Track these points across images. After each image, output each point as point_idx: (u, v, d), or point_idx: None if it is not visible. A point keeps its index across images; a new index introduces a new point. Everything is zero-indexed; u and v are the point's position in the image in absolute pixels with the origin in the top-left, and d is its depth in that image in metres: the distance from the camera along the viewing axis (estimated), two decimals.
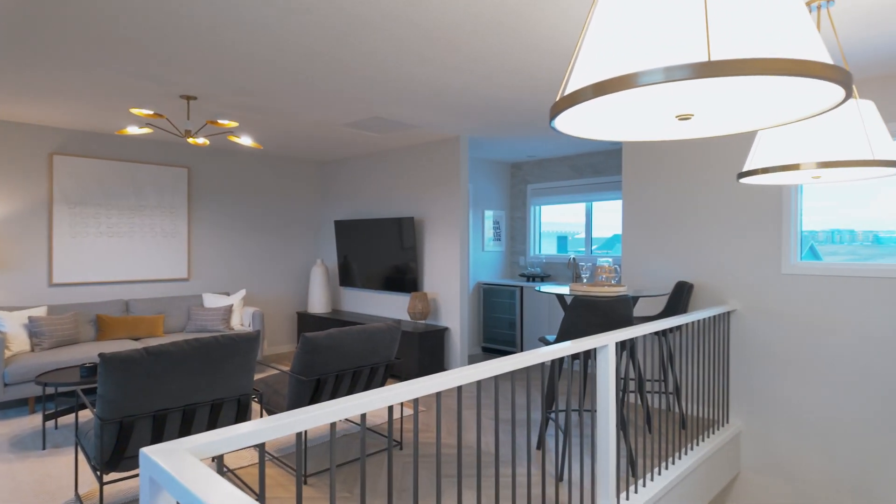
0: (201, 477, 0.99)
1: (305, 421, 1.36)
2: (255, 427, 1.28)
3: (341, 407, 1.43)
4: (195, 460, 1.08)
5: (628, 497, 2.66)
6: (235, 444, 1.24)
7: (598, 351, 2.45)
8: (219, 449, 1.20)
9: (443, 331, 5.14)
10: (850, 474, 3.39)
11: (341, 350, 3.01)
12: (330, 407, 1.41)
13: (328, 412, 1.41)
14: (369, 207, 6.15)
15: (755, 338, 3.75)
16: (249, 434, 1.26)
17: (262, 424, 1.29)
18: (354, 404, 1.46)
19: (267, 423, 1.30)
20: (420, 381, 1.65)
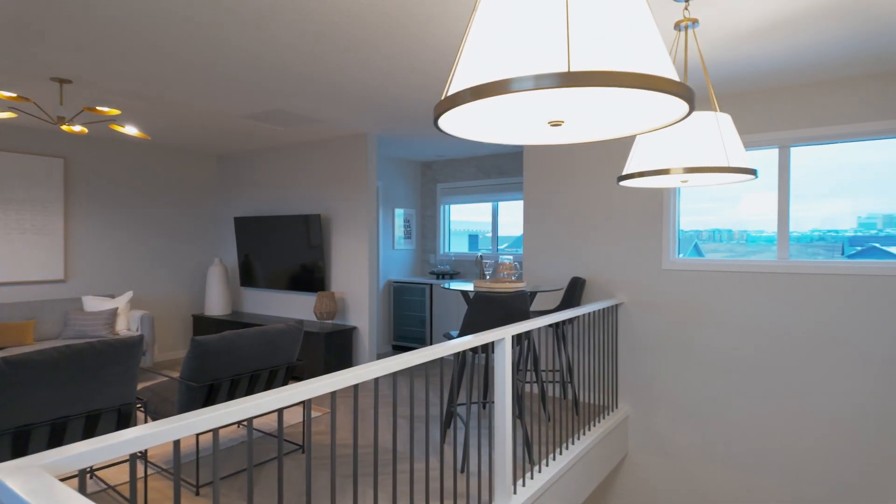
0: (53, 495, 0.90)
1: (187, 427, 1.29)
2: (131, 435, 1.19)
3: (227, 411, 1.38)
4: (50, 478, 0.98)
5: (524, 483, 2.79)
6: (103, 456, 1.15)
7: (495, 344, 2.54)
8: (82, 462, 1.11)
9: (351, 330, 5.08)
10: (720, 447, 3.79)
11: (237, 353, 2.88)
12: (214, 412, 1.35)
13: (211, 417, 1.34)
14: (273, 204, 5.92)
15: (640, 328, 4.09)
16: (121, 444, 1.18)
17: (137, 432, 1.20)
18: (241, 408, 1.41)
19: (142, 430, 1.22)
20: (315, 381, 1.63)
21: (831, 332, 3.40)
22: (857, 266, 3.31)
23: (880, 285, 3.25)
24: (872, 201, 3.42)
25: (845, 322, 3.36)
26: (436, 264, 6.75)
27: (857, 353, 3.33)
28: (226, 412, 1.38)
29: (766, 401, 3.62)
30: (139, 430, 1.21)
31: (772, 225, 3.70)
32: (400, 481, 2.87)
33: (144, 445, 1.22)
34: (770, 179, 3.67)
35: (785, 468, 3.56)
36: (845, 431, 3.37)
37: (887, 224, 3.42)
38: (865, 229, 3.49)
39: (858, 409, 3.34)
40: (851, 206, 3.48)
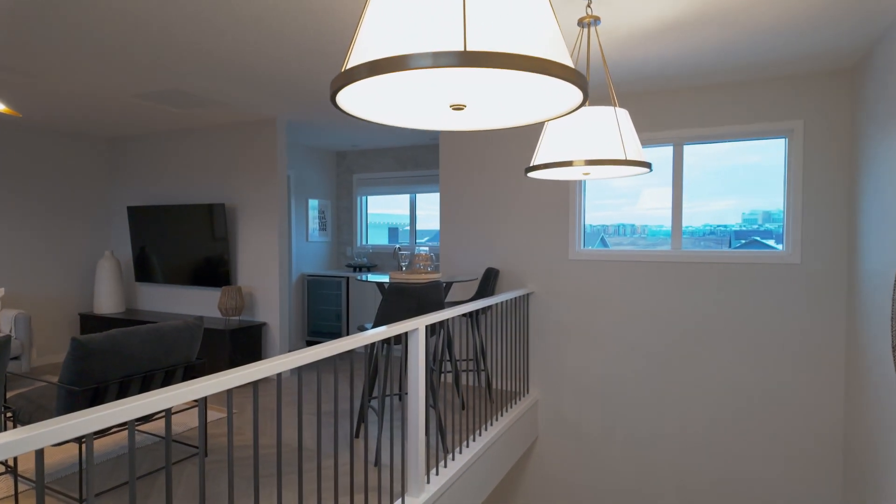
0: None
1: (56, 432, 1.15)
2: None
3: (108, 413, 1.24)
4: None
5: (437, 472, 2.80)
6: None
7: (409, 334, 2.52)
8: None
9: (259, 326, 4.85)
10: (621, 425, 4.04)
11: (126, 353, 2.64)
12: (92, 414, 1.22)
13: (88, 420, 1.21)
14: (172, 192, 5.49)
15: (549, 316, 4.25)
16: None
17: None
18: (124, 409, 1.28)
19: (2, 438, 1.06)
20: (211, 377, 1.51)
21: (718, 316, 3.72)
22: (739, 255, 3.65)
23: (760, 272, 3.61)
24: (754, 199, 3.78)
25: (731, 307, 3.69)
26: (353, 257, 6.62)
27: (741, 336, 3.67)
28: (107, 414, 1.25)
29: (662, 382, 3.90)
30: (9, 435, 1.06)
31: (669, 220, 3.98)
32: (307, 480, 2.78)
33: (4, 455, 1.06)
34: (667, 176, 3.94)
35: (680, 444, 3.86)
36: (731, 405, 3.72)
37: (766, 219, 3.80)
38: (748, 224, 3.85)
39: (741, 386, 3.69)
40: (736, 203, 3.82)
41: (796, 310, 3.51)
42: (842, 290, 3.40)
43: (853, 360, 3.23)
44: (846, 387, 3.39)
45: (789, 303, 3.52)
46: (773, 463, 3.61)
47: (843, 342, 3.41)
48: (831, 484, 3.46)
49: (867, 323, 2.94)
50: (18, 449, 1.09)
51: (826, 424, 3.46)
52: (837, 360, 3.43)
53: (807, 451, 3.52)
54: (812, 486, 3.50)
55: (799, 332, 3.51)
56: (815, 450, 3.49)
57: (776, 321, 3.56)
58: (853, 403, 3.24)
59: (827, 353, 3.45)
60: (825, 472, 3.47)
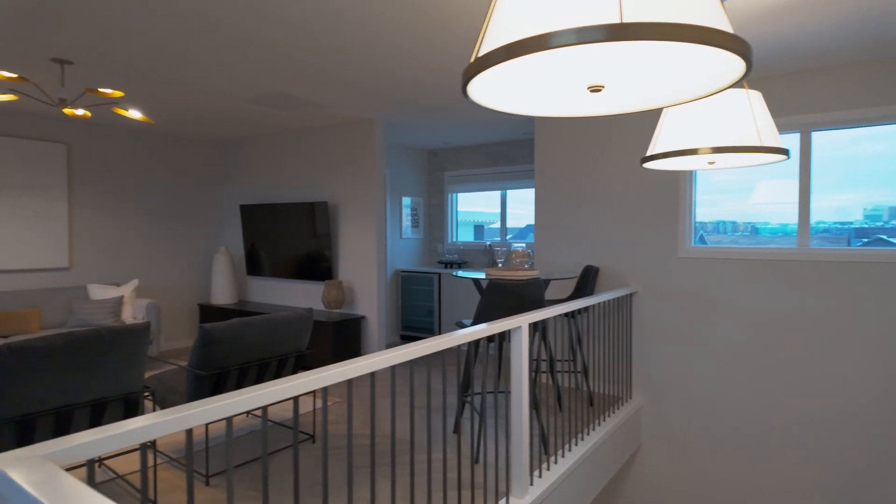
0: (58, 486, 0.83)
1: (198, 416, 1.22)
2: (140, 424, 1.12)
3: (239, 399, 1.31)
4: (55, 468, 0.91)
5: (541, 475, 2.72)
6: (111, 445, 1.08)
7: (511, 332, 2.46)
8: (89, 452, 1.04)
9: (359, 319, 5.01)
10: (734, 437, 3.72)
11: (244, 342, 2.81)
12: (226, 400, 1.28)
13: (223, 406, 1.27)
14: (278, 191, 5.83)
15: (654, 317, 4.00)
16: (131, 432, 1.10)
17: (147, 420, 1.13)
18: (254, 396, 1.34)
19: (151, 419, 1.15)
20: (328, 368, 1.55)
21: (849, 322, 3.31)
22: (883, 254, 3.21)
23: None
24: (879, 193, 3.32)
25: (865, 311, 3.26)
26: (443, 253, 6.67)
27: (876, 344, 3.24)
28: (240, 400, 1.31)
29: (780, 391, 3.54)
30: (149, 418, 1.14)
31: (778, 216, 3.60)
32: (414, 472, 2.81)
33: (155, 434, 1.15)
34: (784, 167, 3.56)
35: (797, 459, 3.49)
36: (858, 421, 3.29)
37: (893, 216, 3.33)
38: (871, 221, 3.40)
39: (873, 400, 3.25)
40: (857, 197, 3.38)
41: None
42: None
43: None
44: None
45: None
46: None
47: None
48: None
49: None
50: (172, 427, 1.16)
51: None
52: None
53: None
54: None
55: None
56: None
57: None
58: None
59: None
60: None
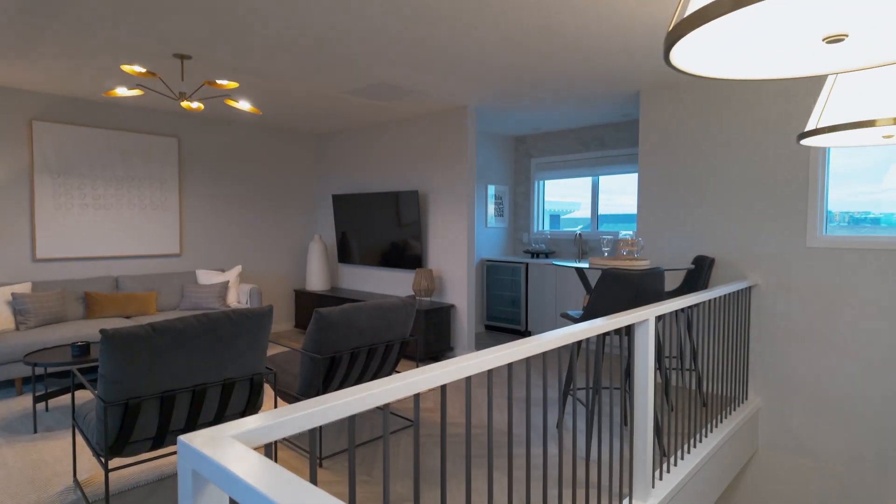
0: (264, 470, 0.81)
1: (340, 408, 1.19)
2: (304, 411, 1.10)
3: (381, 391, 1.26)
4: (247, 450, 0.90)
5: (661, 477, 2.55)
6: (285, 430, 1.06)
7: (636, 326, 2.31)
8: (268, 436, 1.02)
9: (448, 308, 4.99)
10: (868, 449, 3.34)
11: (356, 327, 2.83)
12: (368, 391, 1.24)
13: (375, 394, 1.23)
14: (369, 181, 5.91)
15: (776, 313, 3.66)
16: (297, 419, 1.08)
17: (310, 408, 1.11)
18: (386, 389, 1.28)
19: (311, 406, 1.12)
20: (450, 363, 1.48)
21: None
22: None
23: None
24: None
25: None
26: (529, 243, 6.52)
27: None
28: (372, 393, 1.26)
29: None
30: (308, 405, 1.12)
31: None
32: (516, 466, 2.72)
33: (317, 422, 1.12)
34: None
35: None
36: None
37: None
38: None
39: None
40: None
41: None
42: None
43: None
44: None
45: None
46: None
47: None
48: None
49: None
50: (335, 414, 1.13)
51: None
52: None
53: None
54: None
55: None
56: None
57: None
58: None
59: None
60: None
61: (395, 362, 3.22)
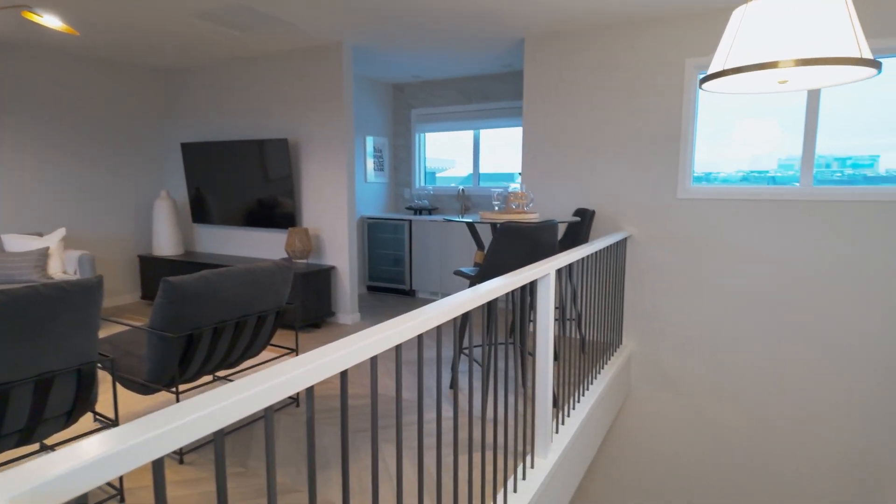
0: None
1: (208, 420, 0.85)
2: (148, 434, 0.73)
3: (278, 382, 0.93)
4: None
5: (557, 430, 2.54)
6: (116, 469, 0.69)
7: (538, 281, 2.19)
8: (86, 484, 0.65)
9: (328, 270, 4.59)
10: (729, 382, 3.72)
11: (220, 297, 2.37)
12: (245, 392, 0.91)
13: (253, 396, 0.90)
14: (228, 127, 5.16)
15: (649, 262, 3.86)
16: (136, 448, 0.71)
17: (157, 428, 0.75)
18: (302, 373, 0.97)
19: (160, 425, 0.77)
20: (355, 340, 1.20)
21: (852, 264, 3.28)
22: (884, 192, 3.16)
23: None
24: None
25: (868, 252, 3.24)
26: (412, 199, 6.26)
27: (878, 286, 3.24)
28: (280, 382, 0.93)
29: (780, 336, 3.52)
30: (169, 418, 0.76)
31: (758, 161, 3.49)
32: (411, 436, 2.54)
33: (175, 444, 0.77)
34: (772, 104, 3.41)
35: (797, 404, 3.53)
36: (862, 363, 3.34)
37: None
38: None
39: (875, 342, 3.29)
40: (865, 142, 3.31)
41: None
42: None
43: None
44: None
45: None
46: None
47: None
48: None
49: None
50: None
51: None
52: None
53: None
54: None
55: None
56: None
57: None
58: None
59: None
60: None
61: (271, 334, 2.82)
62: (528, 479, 2.14)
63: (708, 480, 3.84)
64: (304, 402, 2.96)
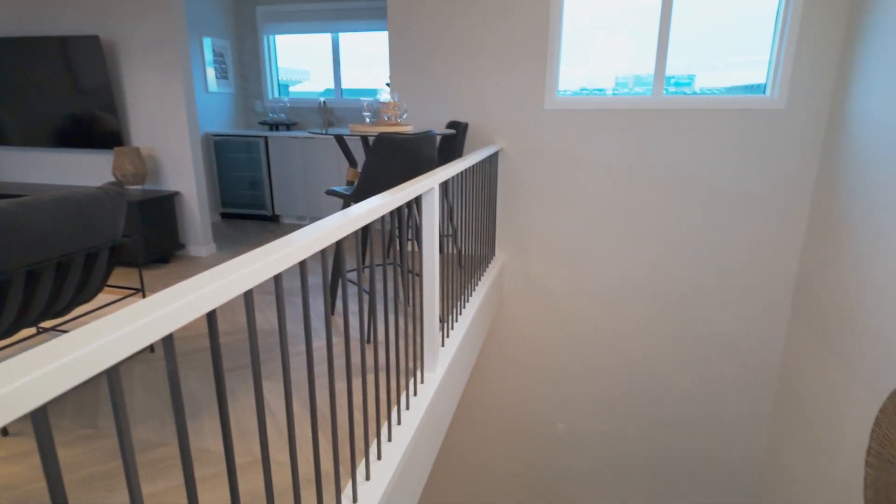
0: None
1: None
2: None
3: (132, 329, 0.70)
4: None
5: (443, 344, 2.55)
6: None
7: (423, 196, 2.06)
8: None
9: (172, 197, 3.98)
10: (592, 285, 4.06)
11: (29, 233, 1.89)
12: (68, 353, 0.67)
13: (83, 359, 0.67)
14: (21, 18, 4.02)
15: (519, 175, 3.94)
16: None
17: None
18: (165, 314, 0.74)
19: None
20: (259, 255, 0.98)
21: (691, 171, 3.65)
22: (722, 101, 3.49)
23: (742, 120, 3.49)
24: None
25: (707, 159, 3.61)
26: (266, 113, 5.61)
27: (716, 190, 3.66)
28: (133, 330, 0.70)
29: (633, 240, 3.88)
30: None
31: (616, 78, 3.67)
32: (299, 367, 2.38)
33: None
34: (628, 21, 3.54)
35: (646, 300, 3.98)
36: (699, 262, 3.82)
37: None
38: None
39: (709, 242, 3.76)
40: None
41: (773, 159, 3.51)
42: (823, 138, 3.42)
43: (822, 208, 3.37)
44: (805, 239, 3.59)
45: (769, 152, 3.51)
46: (731, 318, 3.86)
47: (811, 194, 3.51)
48: (777, 333, 3.80)
49: (848, 172, 3.00)
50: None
51: (780, 279, 3.70)
52: (802, 211, 3.54)
53: (758, 307, 3.79)
54: (761, 336, 3.84)
55: (772, 182, 3.56)
56: (767, 298, 3.77)
57: (753, 171, 3.56)
58: (811, 258, 3.45)
59: (793, 208, 3.56)
60: (774, 329, 3.79)
61: (106, 274, 2.36)
62: (419, 395, 2.13)
63: (574, 378, 4.28)
64: (160, 347, 2.60)
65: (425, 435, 2.11)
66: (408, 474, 1.88)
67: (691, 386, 4.03)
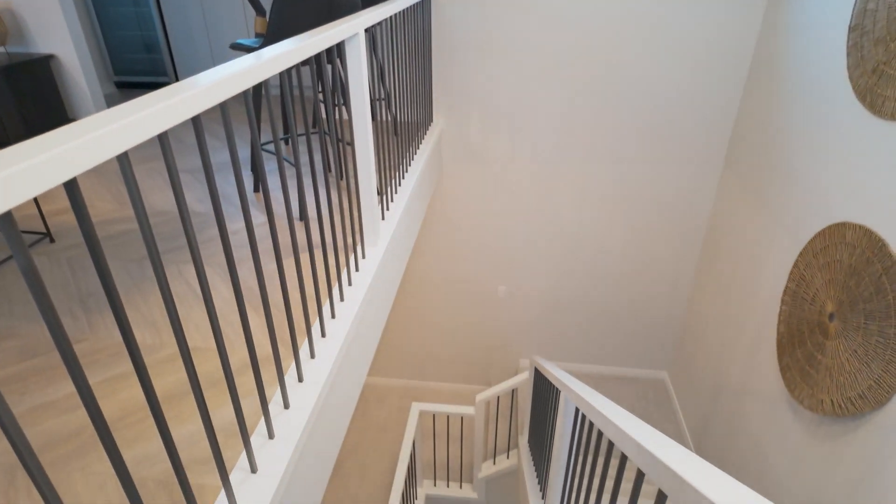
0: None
1: None
2: None
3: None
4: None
5: (383, 217, 2.41)
6: None
7: (346, 42, 1.76)
8: None
9: (45, 60, 3.33)
10: (527, 148, 3.93)
11: None
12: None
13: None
14: None
15: (454, 26, 3.55)
16: None
17: None
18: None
19: None
20: (133, 110, 0.74)
21: (632, 18, 3.40)
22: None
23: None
24: None
25: (663, 7, 3.36)
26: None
27: (656, 37, 3.45)
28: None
29: (572, 97, 3.69)
30: None
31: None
32: (216, 251, 2.19)
33: None
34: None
35: (584, 159, 3.91)
36: (638, 107, 3.72)
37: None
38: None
39: (648, 88, 3.64)
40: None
41: (718, 2, 3.31)
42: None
43: (764, 57, 3.28)
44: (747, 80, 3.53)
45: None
46: (667, 172, 3.88)
47: (754, 42, 3.39)
48: (709, 185, 3.89)
49: (791, 16, 2.88)
50: None
51: (716, 131, 3.69)
52: (745, 58, 3.44)
53: (693, 162, 3.81)
54: (695, 190, 3.91)
55: (715, 31, 3.39)
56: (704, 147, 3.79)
57: (697, 17, 3.37)
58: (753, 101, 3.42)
59: (736, 58, 3.45)
60: (712, 168, 3.86)
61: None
62: (361, 271, 2.02)
63: (514, 243, 4.32)
64: (59, 236, 2.30)
65: (371, 310, 2.04)
66: (355, 350, 1.83)
67: (624, 241, 4.19)
